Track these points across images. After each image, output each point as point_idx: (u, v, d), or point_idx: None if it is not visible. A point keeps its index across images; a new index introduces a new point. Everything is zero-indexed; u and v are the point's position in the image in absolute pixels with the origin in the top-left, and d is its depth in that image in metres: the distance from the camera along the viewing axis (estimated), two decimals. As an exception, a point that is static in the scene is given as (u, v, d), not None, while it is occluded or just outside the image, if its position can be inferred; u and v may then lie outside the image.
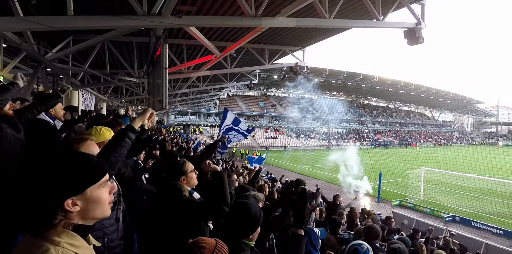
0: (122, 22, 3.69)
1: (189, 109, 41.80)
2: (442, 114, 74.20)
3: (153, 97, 5.64)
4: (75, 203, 0.81)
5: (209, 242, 1.18)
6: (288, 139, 47.53)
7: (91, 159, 0.90)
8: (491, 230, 11.21)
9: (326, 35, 8.03)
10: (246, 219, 1.64)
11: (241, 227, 1.63)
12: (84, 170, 0.84)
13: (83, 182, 0.83)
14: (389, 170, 19.53)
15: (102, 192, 0.88)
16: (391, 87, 49.85)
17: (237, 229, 1.62)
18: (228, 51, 6.98)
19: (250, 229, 1.64)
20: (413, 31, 5.69)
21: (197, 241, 1.19)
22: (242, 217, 1.65)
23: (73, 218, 0.82)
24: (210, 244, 1.17)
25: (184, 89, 14.51)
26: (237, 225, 1.63)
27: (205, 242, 1.17)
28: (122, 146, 1.74)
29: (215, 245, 1.17)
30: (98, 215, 0.89)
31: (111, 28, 4.66)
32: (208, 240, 1.19)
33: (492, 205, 13.67)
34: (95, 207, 0.86)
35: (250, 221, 1.64)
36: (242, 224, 1.63)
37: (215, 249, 1.15)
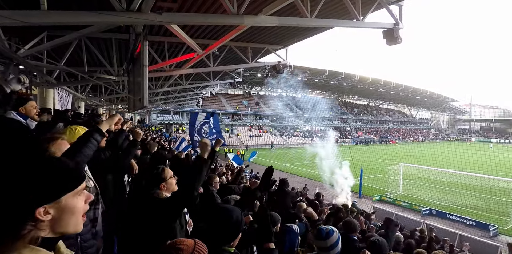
0: (100, 18, 3.56)
1: (172, 108, 41.12)
2: (419, 111, 77.12)
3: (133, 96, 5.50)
4: (48, 212, 0.73)
5: (187, 243, 1.15)
6: (272, 137, 47.80)
7: (68, 164, 0.83)
8: (465, 222, 11.81)
9: (309, 34, 8.11)
10: (227, 225, 1.58)
11: (222, 233, 1.57)
12: (62, 175, 0.78)
13: (59, 189, 0.77)
14: (370, 166, 20.08)
15: (77, 200, 0.82)
16: (372, 86, 51.17)
17: (217, 235, 1.56)
18: (210, 49, 6.91)
19: (231, 235, 1.59)
20: (392, 32, 5.86)
21: (175, 242, 1.15)
22: (223, 223, 1.58)
23: (43, 229, 0.74)
24: (189, 245, 1.14)
25: (166, 88, 14.25)
26: (217, 232, 1.57)
27: (183, 243, 1.14)
28: (87, 147, 1.70)
29: (193, 246, 1.14)
30: (70, 229, 0.81)
31: (87, 24, 4.50)
32: (187, 241, 1.16)
33: (465, 198, 14.41)
34: (68, 218, 0.79)
35: (231, 228, 1.59)
36: (223, 230, 1.57)
37: (194, 250, 1.13)
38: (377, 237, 2.97)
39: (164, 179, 2.19)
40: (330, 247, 2.12)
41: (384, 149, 32.68)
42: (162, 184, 2.17)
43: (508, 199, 13.17)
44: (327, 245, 2.11)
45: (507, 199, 13.21)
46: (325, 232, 2.15)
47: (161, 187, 2.16)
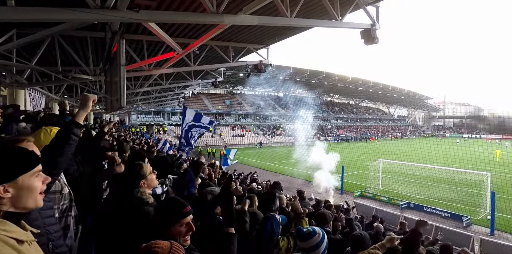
0: (72, 15, 3.42)
1: (153, 108, 40.28)
2: (397, 109, 79.87)
3: (111, 96, 5.33)
4: (7, 190, 0.88)
5: (163, 245, 1.12)
6: (255, 136, 47.90)
7: (23, 149, 0.98)
8: (440, 214, 12.35)
9: (289, 33, 8.19)
10: (162, 210, 1.60)
11: (159, 218, 1.58)
12: (16, 158, 0.93)
13: (15, 170, 0.91)
14: (351, 163, 20.58)
15: (34, 181, 0.95)
16: (352, 85, 52.40)
17: (156, 220, 1.58)
18: (190, 48, 6.82)
19: (167, 220, 1.56)
20: (369, 32, 6.02)
21: (150, 245, 1.12)
22: (159, 208, 1.63)
23: (4, 204, 0.88)
24: (165, 247, 1.11)
25: (146, 88, 13.93)
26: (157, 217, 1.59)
27: (158, 246, 1.11)
28: (68, 144, 1.61)
29: (169, 248, 1.11)
30: (30, 204, 0.95)
31: (60, 21, 4.31)
32: (162, 243, 1.13)
33: (441, 191, 15.07)
34: (27, 195, 0.93)
35: (166, 212, 1.58)
36: (159, 215, 1.59)
37: (171, 251, 1.10)
38: (360, 231, 3.07)
39: (143, 175, 2.12)
40: (311, 248, 2.10)
41: (364, 146, 33.61)
42: (142, 181, 2.10)
43: (479, 191, 13.89)
44: (308, 246, 2.10)
45: (478, 191, 13.92)
46: (305, 233, 2.13)
47: (141, 184, 2.09)
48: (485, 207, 12.45)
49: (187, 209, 1.57)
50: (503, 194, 13.39)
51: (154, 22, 4.70)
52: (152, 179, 2.19)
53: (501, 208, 11.85)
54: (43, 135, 1.96)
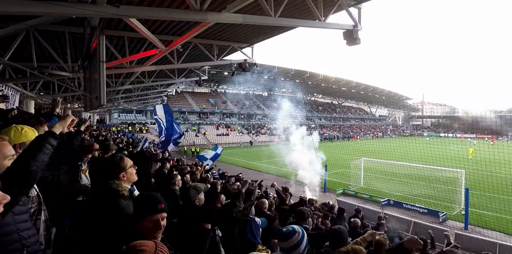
0: (49, 8, 3.27)
1: (135, 107, 39.29)
2: (378, 109, 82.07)
3: (90, 94, 5.16)
4: None
5: (148, 244, 1.09)
6: (240, 135, 47.82)
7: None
8: (419, 210, 12.83)
9: (274, 33, 8.21)
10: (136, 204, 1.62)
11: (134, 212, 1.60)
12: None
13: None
14: (334, 162, 20.98)
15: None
16: (335, 85, 53.35)
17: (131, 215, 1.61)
18: (174, 46, 6.70)
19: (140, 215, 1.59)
20: (351, 33, 6.13)
21: (135, 245, 1.09)
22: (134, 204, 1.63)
23: None
24: (150, 246, 1.09)
25: (128, 85, 13.56)
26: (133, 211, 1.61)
27: (144, 245, 1.08)
28: (43, 153, 1.56)
29: (155, 248, 1.09)
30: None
31: (35, 14, 4.12)
32: (147, 243, 1.10)
33: (419, 188, 15.65)
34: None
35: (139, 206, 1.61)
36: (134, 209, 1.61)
37: (156, 252, 1.08)
38: (338, 225, 3.14)
39: (124, 168, 2.05)
40: (291, 248, 2.10)
41: (347, 145, 34.31)
42: (121, 174, 2.03)
43: (454, 188, 14.53)
44: (289, 246, 2.10)
45: (454, 187, 14.56)
46: (284, 233, 2.12)
47: (121, 177, 2.02)
48: (460, 203, 13.04)
49: (161, 206, 1.54)
50: (476, 190, 14.07)
51: (135, 18, 4.58)
52: (132, 173, 2.11)
53: (474, 203, 12.46)
54: (13, 133, 1.87)
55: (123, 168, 2.05)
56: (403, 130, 77.25)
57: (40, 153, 1.55)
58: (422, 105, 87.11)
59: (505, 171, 17.52)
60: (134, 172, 2.13)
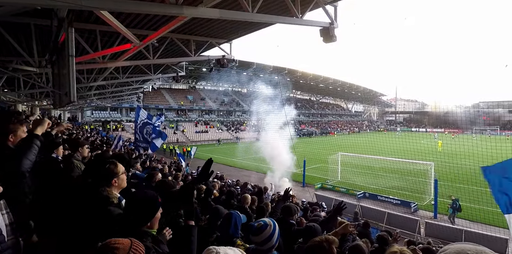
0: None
1: (109, 104, 37.82)
2: (354, 105, 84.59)
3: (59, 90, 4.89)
4: None
5: (123, 242, 1.08)
6: (219, 132, 47.51)
7: None
8: (392, 201, 13.43)
9: (251, 29, 8.18)
10: (140, 206, 1.62)
11: (137, 214, 1.60)
12: None
13: None
14: (312, 157, 21.42)
15: None
16: (313, 81, 54.22)
17: (132, 217, 1.60)
18: (149, 40, 6.50)
19: (146, 216, 1.63)
20: (328, 30, 6.26)
21: (109, 243, 1.07)
22: (136, 204, 1.63)
23: None
24: (125, 244, 1.07)
25: (100, 81, 13.03)
26: (132, 214, 1.61)
27: (118, 243, 1.06)
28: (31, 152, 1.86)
29: (130, 245, 1.08)
30: None
31: (-5, 5, 3.83)
32: (122, 240, 1.09)
33: (392, 180, 16.36)
34: None
35: (145, 208, 1.63)
36: (137, 211, 1.61)
37: (131, 249, 1.06)
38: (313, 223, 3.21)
39: (117, 174, 2.06)
40: (263, 241, 2.13)
41: (325, 140, 35.08)
42: (114, 180, 2.04)
43: (424, 179, 15.33)
44: (260, 240, 2.13)
45: (424, 179, 15.37)
46: (256, 228, 2.16)
47: (113, 183, 2.03)
48: (430, 193, 13.78)
49: (159, 199, 1.69)
50: (444, 181, 14.93)
51: (106, 11, 4.38)
52: (123, 179, 2.13)
53: (442, 193, 13.21)
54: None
55: (116, 173, 2.07)
56: (378, 125, 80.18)
57: (29, 152, 1.84)
58: (395, 101, 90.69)
59: (469, 162, 18.71)
60: (125, 178, 2.17)
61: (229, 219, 2.84)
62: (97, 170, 2.14)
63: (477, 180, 14.60)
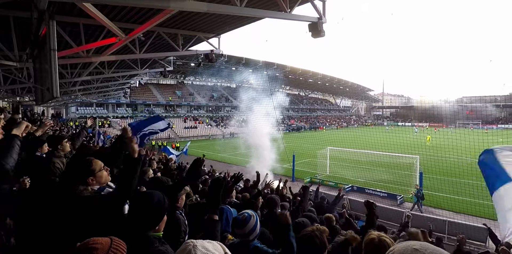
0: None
1: (94, 100, 36.97)
2: (342, 100, 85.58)
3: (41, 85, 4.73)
4: None
5: (102, 241, 1.03)
6: (208, 128, 47.24)
7: None
8: (379, 194, 13.76)
9: (240, 23, 8.09)
10: (149, 210, 1.54)
11: (145, 219, 1.53)
12: None
13: None
14: (301, 151, 21.62)
15: None
16: (302, 76, 54.41)
17: (141, 221, 1.52)
18: (135, 34, 6.34)
19: (155, 220, 1.56)
20: (316, 25, 6.25)
21: (88, 243, 1.02)
22: (143, 207, 1.54)
23: None
24: (104, 244, 1.03)
25: (85, 77, 12.66)
26: (140, 218, 1.53)
27: (98, 242, 1.02)
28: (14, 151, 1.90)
29: (109, 244, 1.03)
30: None
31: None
32: (101, 240, 1.04)
33: (379, 173, 16.74)
34: None
35: (154, 212, 1.55)
36: (145, 215, 1.53)
37: (110, 249, 1.02)
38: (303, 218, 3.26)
39: (92, 171, 1.97)
40: (249, 232, 2.19)
41: (314, 135, 35.44)
42: (90, 178, 1.95)
43: (410, 172, 15.75)
44: (246, 232, 2.19)
45: (410, 172, 15.79)
46: (241, 221, 2.20)
47: (89, 182, 1.95)
48: (415, 186, 14.17)
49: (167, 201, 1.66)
50: (429, 174, 15.37)
51: (90, 3, 4.24)
52: (101, 175, 2.04)
53: (427, 186, 13.62)
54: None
55: (91, 171, 1.97)
56: (365, 120, 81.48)
57: (13, 151, 1.89)
58: (383, 96, 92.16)
59: (453, 155, 19.32)
60: (105, 174, 2.07)
61: (221, 214, 2.86)
62: (71, 167, 2.11)
63: (460, 172, 15.14)
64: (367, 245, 1.90)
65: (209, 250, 0.95)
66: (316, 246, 1.92)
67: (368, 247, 1.89)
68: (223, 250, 1.00)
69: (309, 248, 1.94)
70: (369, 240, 1.91)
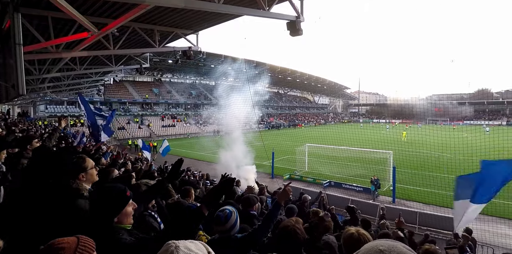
0: None
1: (66, 98, 35.22)
2: (320, 98, 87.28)
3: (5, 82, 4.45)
4: None
5: (68, 241, 1.01)
6: (187, 126, 46.51)
7: None
8: (355, 189, 14.26)
9: (218, 20, 8.02)
10: (105, 198, 1.57)
11: (104, 209, 1.54)
12: None
13: None
14: (281, 148, 21.86)
15: None
16: (281, 74, 54.81)
17: (100, 212, 1.55)
18: (108, 29, 6.10)
19: (112, 209, 1.56)
20: (294, 24, 6.34)
21: (53, 243, 0.99)
22: (103, 199, 1.57)
23: None
24: (71, 243, 1.00)
25: (55, 73, 12.03)
26: (100, 208, 1.56)
27: (64, 242, 0.99)
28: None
29: (76, 243, 1.01)
30: None
31: None
32: (67, 239, 1.02)
33: (355, 169, 17.30)
34: None
35: (110, 200, 1.56)
36: (101, 204, 1.55)
37: (78, 247, 1.00)
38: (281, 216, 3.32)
39: (84, 169, 2.08)
40: (230, 228, 2.21)
41: (293, 132, 35.97)
42: (81, 174, 2.05)
43: (384, 167, 16.43)
44: (228, 228, 2.21)
45: (384, 167, 16.47)
46: (223, 217, 2.22)
47: (80, 178, 2.05)
48: (389, 180, 14.80)
49: (128, 192, 1.64)
50: (402, 168, 16.10)
51: (59, -4, 4.04)
52: (92, 174, 2.14)
53: (400, 180, 14.27)
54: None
55: (83, 168, 2.08)
56: (342, 117, 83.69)
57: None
58: (359, 94, 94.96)
59: (423, 150, 20.36)
60: (95, 173, 2.18)
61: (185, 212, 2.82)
62: (65, 164, 2.16)
63: (430, 166, 15.99)
64: (346, 240, 1.99)
65: (192, 250, 0.93)
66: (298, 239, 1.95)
67: (347, 242, 1.98)
68: (206, 249, 0.98)
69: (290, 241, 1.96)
70: (348, 235, 2.00)
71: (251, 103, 16.00)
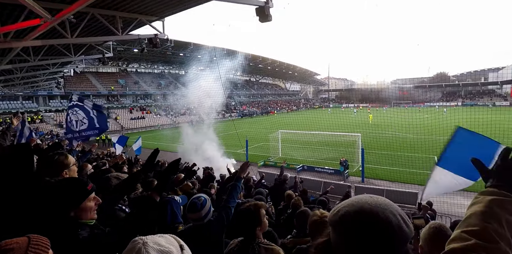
0: None
1: (20, 92, 32.48)
2: (292, 85, 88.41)
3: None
4: None
5: (18, 241, 0.96)
6: (157, 118, 45.13)
7: None
8: (327, 171, 14.92)
9: (185, 5, 7.68)
10: (62, 193, 1.51)
11: (58, 202, 1.48)
12: None
13: None
14: (254, 136, 22.08)
15: None
16: (252, 62, 54.43)
17: (54, 205, 1.48)
18: (63, 15, 5.66)
19: (68, 202, 1.49)
20: (263, 9, 6.29)
21: (1, 246, 0.94)
22: (58, 191, 1.52)
23: None
24: (21, 243, 0.95)
25: (5, 65, 11.01)
26: (54, 201, 1.49)
27: (12, 242, 0.95)
28: None
29: (27, 243, 0.96)
30: None
31: None
32: (16, 240, 0.97)
33: (327, 152, 18.00)
34: None
35: (66, 193, 1.51)
36: (58, 199, 1.49)
37: (29, 246, 0.95)
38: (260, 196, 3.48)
39: (67, 165, 2.11)
40: (204, 216, 2.26)
41: (266, 119, 36.31)
42: (65, 171, 2.08)
43: (353, 149, 17.24)
44: (202, 215, 2.24)
45: (353, 149, 17.28)
46: (199, 204, 2.25)
47: (63, 175, 2.07)
48: (358, 161, 15.61)
49: (90, 186, 1.58)
50: (370, 149, 17.02)
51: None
52: (74, 170, 2.17)
53: (368, 160, 15.12)
54: None
55: (66, 165, 2.10)
56: (313, 103, 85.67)
57: None
58: (328, 80, 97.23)
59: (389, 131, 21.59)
60: (76, 169, 2.21)
61: (164, 208, 2.80)
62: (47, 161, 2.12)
63: (395, 146, 17.04)
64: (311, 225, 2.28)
65: (162, 245, 0.85)
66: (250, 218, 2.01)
67: (312, 226, 2.27)
68: (177, 242, 0.92)
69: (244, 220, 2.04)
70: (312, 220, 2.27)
71: (222, 91, 15.81)
